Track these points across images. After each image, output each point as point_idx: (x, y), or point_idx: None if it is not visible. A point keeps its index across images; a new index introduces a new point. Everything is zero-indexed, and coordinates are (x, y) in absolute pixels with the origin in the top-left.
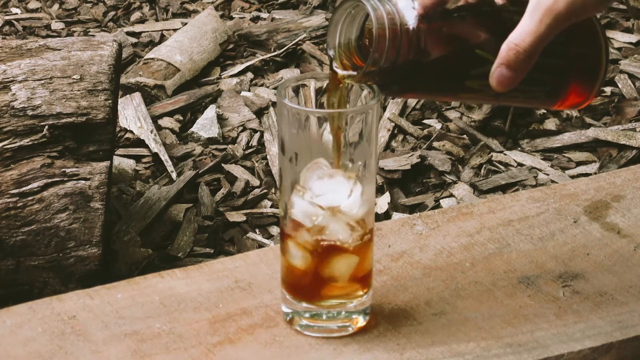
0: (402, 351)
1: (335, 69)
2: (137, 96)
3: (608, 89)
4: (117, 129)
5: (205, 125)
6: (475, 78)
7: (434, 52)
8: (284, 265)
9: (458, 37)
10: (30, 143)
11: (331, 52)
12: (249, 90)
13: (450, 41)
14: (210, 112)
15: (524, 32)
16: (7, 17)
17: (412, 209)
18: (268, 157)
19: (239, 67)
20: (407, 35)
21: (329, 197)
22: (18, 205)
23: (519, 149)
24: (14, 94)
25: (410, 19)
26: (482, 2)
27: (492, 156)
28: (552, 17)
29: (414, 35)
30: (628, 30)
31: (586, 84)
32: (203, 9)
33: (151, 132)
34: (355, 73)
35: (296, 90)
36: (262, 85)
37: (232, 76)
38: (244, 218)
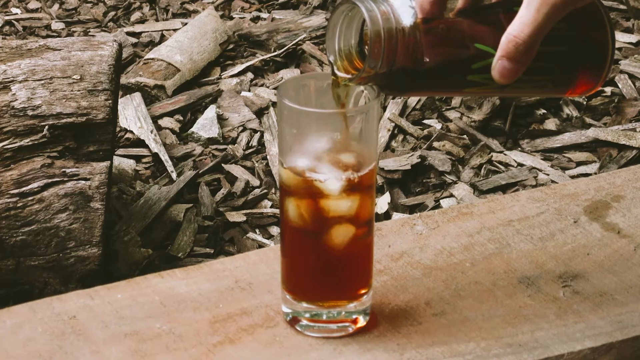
0: (402, 351)
1: (335, 72)
2: (137, 96)
3: (608, 89)
4: (117, 129)
5: (206, 125)
6: (477, 72)
7: (433, 50)
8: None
9: (457, 32)
10: (30, 143)
11: (331, 58)
12: (249, 90)
13: (449, 37)
14: (211, 112)
15: (522, 22)
16: (7, 17)
17: (412, 209)
18: (268, 157)
19: (239, 67)
20: (403, 35)
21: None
22: (18, 205)
23: (519, 149)
24: (14, 94)
25: (407, 18)
26: None
27: (492, 156)
28: (549, 6)
29: (411, 34)
30: (628, 30)
31: (594, 68)
32: (203, 9)
33: (151, 132)
34: (352, 77)
35: (296, 90)
36: (262, 85)
37: (232, 76)
38: (244, 218)
